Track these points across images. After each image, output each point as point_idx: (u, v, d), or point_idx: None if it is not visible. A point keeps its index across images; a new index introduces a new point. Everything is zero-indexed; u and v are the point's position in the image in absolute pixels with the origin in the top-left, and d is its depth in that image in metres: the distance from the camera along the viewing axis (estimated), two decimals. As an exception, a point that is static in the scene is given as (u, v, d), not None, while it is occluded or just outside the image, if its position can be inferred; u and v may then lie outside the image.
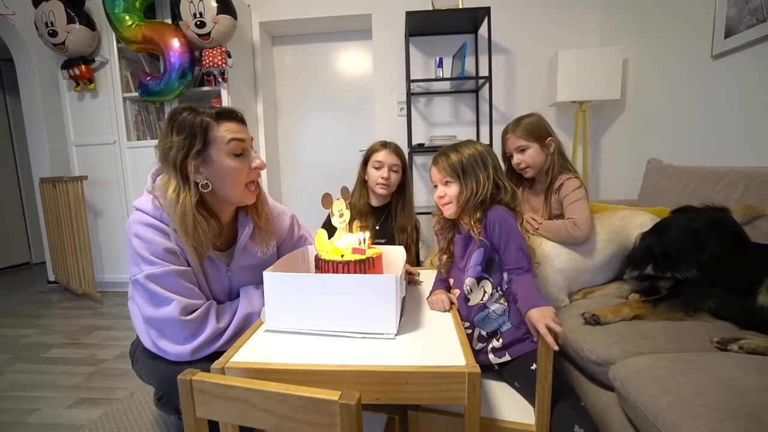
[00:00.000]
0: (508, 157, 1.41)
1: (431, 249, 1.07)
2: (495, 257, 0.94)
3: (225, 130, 0.87)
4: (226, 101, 2.58)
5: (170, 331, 0.87)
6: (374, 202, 1.58)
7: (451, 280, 1.04)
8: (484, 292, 0.95)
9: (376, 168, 1.51)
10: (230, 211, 0.99)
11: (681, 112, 1.95)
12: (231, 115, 0.89)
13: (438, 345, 0.76)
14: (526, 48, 2.74)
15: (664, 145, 2.07)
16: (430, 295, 1.00)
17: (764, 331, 0.84)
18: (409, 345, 0.76)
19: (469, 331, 0.97)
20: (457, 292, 0.99)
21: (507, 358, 0.92)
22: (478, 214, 0.94)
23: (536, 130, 1.34)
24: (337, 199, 0.93)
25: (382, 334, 0.79)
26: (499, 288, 0.95)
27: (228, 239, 1.01)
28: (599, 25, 2.67)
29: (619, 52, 2.28)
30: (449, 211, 0.99)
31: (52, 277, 2.98)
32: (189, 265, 0.90)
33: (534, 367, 0.85)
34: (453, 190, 0.96)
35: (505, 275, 0.93)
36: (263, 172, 3.21)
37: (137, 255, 0.86)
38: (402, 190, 1.57)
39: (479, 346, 0.96)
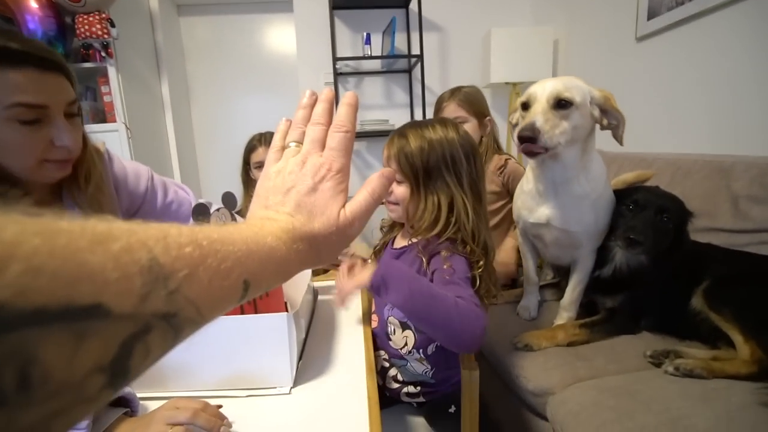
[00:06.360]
0: None
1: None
2: None
3: (7, 86, 0.55)
4: (115, 80, 2.14)
5: None
6: None
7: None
8: (406, 343, 0.76)
9: (258, 168, 1.31)
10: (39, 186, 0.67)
11: (608, 95, 1.94)
12: (25, 61, 0.55)
13: (342, 398, 0.61)
14: (458, 25, 2.59)
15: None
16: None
17: (700, 339, 0.79)
18: (307, 400, 0.61)
19: (387, 364, 0.82)
20: (375, 318, 0.82)
21: (422, 399, 0.81)
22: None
23: (477, 102, 1.20)
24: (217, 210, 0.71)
25: (274, 388, 0.63)
26: (422, 350, 0.75)
27: None
28: (531, 3, 2.60)
29: (549, 32, 2.23)
30: (394, 214, 0.77)
31: None
32: None
33: (452, 409, 0.76)
34: (402, 191, 0.73)
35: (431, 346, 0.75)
36: (175, 163, 2.80)
37: None
38: None
39: (394, 385, 0.81)
